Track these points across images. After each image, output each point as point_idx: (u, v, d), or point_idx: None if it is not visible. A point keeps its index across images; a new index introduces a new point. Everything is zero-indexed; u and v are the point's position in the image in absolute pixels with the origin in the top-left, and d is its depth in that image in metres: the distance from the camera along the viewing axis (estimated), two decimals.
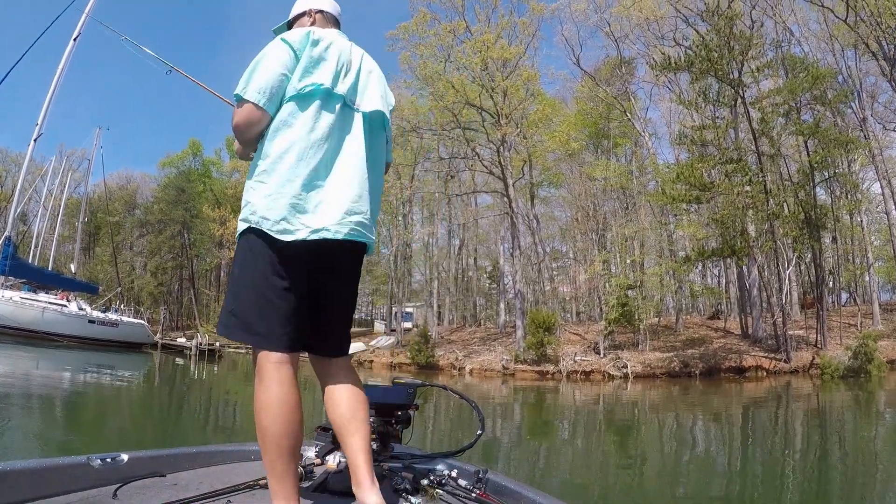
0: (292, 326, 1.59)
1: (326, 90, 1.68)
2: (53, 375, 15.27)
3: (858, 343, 19.51)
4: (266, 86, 1.63)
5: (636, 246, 29.94)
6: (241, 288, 1.62)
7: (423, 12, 28.24)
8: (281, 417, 1.52)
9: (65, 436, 7.20)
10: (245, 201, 1.65)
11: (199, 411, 11.71)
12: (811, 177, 22.44)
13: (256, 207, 1.60)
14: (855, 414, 12.81)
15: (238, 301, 1.62)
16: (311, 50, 1.69)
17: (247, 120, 1.65)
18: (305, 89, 1.65)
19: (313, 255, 1.62)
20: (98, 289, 34.34)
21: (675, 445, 9.15)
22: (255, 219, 1.60)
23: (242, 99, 1.64)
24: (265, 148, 1.65)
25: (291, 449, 1.53)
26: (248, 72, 1.66)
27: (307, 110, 1.65)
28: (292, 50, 1.68)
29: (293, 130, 1.63)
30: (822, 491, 5.97)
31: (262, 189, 1.61)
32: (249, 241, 1.62)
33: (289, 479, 1.52)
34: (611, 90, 31.44)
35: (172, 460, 1.99)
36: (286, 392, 1.54)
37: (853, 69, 26.43)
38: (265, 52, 1.69)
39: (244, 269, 1.62)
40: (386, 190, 33.58)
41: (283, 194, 1.58)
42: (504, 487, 1.92)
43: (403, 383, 2.42)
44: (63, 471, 1.66)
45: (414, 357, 27.41)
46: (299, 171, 1.60)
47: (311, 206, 1.60)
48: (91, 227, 54.77)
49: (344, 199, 1.64)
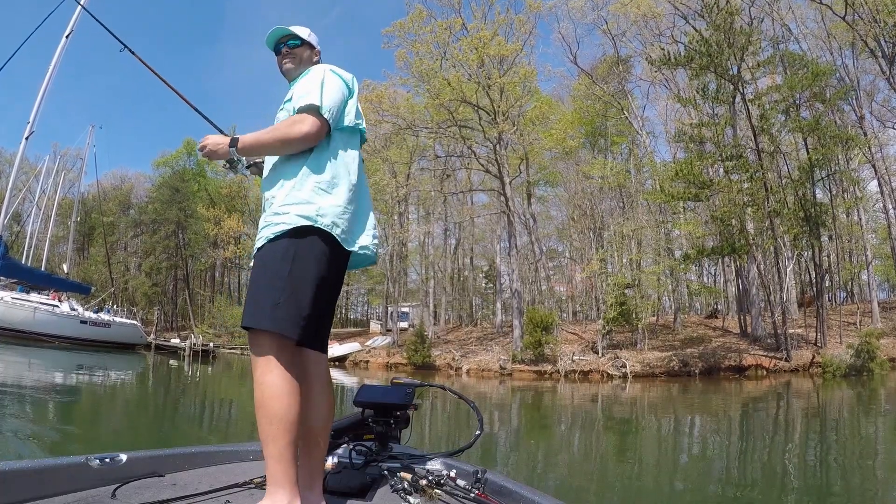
0: (320, 322, 1.76)
1: (363, 131, 1.97)
2: (45, 377, 15.01)
3: (860, 341, 19.37)
4: (334, 107, 1.80)
5: (634, 244, 29.81)
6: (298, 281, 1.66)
7: (420, 9, 28.08)
8: (296, 405, 1.58)
9: (59, 438, 7.00)
10: (303, 199, 1.73)
11: (193, 412, 11.47)
12: (811, 174, 22.31)
13: (326, 212, 1.72)
14: (860, 412, 12.66)
15: (289, 293, 1.64)
16: (355, 94, 1.94)
17: (317, 134, 1.77)
18: (360, 125, 1.93)
19: (345, 265, 1.83)
20: (91, 289, 33.99)
21: (674, 445, 9.07)
22: (325, 221, 1.71)
23: (320, 113, 1.76)
24: (329, 162, 1.80)
25: (298, 437, 1.59)
26: (317, 87, 1.79)
27: (357, 143, 1.92)
28: (346, 86, 1.89)
29: (351, 156, 1.86)
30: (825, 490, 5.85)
31: (330, 199, 1.75)
32: (312, 240, 1.70)
33: (295, 468, 1.57)
34: (608, 88, 31.37)
35: (171, 460, 2.00)
36: (298, 381, 1.62)
37: (850, 67, 26.42)
38: (327, 76, 1.85)
39: (305, 265, 1.68)
40: (382, 188, 33.70)
41: (348, 210, 1.78)
42: (503, 487, 1.93)
43: (402, 383, 2.47)
44: (62, 471, 1.67)
45: (410, 357, 27.20)
46: (357, 195, 1.83)
47: (360, 226, 1.84)
48: (85, 228, 54.54)
49: (371, 223, 1.90)
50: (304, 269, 1.67)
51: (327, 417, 1.77)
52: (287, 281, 1.64)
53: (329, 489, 1.82)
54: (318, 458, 1.74)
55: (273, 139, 1.77)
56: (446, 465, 2.20)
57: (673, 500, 5.56)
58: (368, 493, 1.85)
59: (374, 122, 29.25)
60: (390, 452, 2.26)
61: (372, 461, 2.13)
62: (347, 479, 1.91)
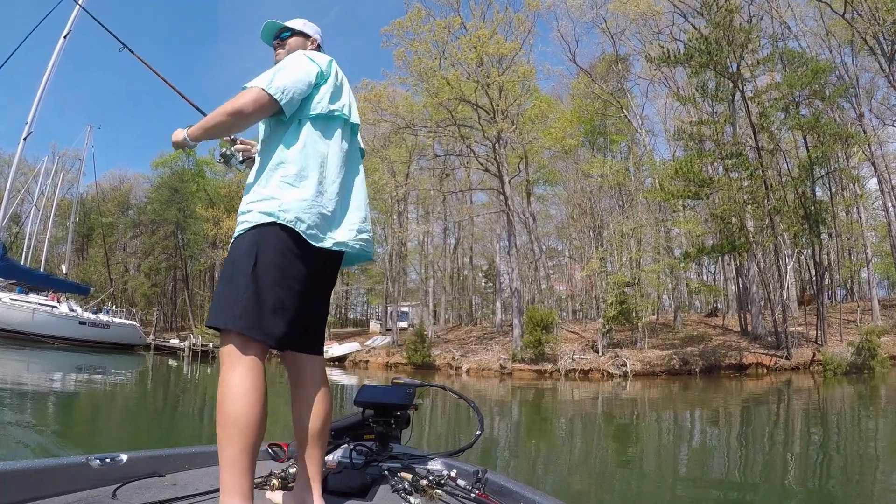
0: (295, 326, 1.65)
1: (346, 118, 1.85)
2: (44, 377, 14.96)
3: (861, 339, 19.33)
4: (289, 88, 1.71)
5: (633, 243, 29.77)
6: (261, 279, 1.61)
7: (418, 8, 28.00)
8: (255, 407, 1.50)
9: (57, 439, 6.95)
10: (266, 195, 1.68)
11: (193, 413, 11.43)
12: (811, 171, 22.29)
13: (290, 207, 1.65)
14: (863, 410, 12.62)
15: (250, 290, 1.59)
16: (336, 79, 1.85)
17: (256, 108, 1.69)
18: (335, 113, 1.81)
19: (324, 263, 1.75)
20: (90, 290, 33.92)
21: (675, 444, 9.00)
22: (288, 217, 1.64)
23: (265, 90, 1.69)
24: (298, 153, 1.73)
25: (256, 444, 1.50)
26: (271, 72, 1.74)
27: (335, 132, 1.81)
28: (320, 70, 1.81)
29: (326, 146, 1.77)
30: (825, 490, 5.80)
31: (296, 192, 1.68)
32: (275, 236, 1.64)
33: (249, 477, 1.48)
34: (607, 87, 31.33)
35: (171, 460, 2.00)
36: (260, 382, 1.54)
37: (849, 66, 26.41)
38: (292, 60, 1.80)
39: (267, 262, 1.62)
40: (381, 188, 33.62)
41: (317, 204, 1.69)
42: (503, 487, 1.93)
43: (402, 383, 2.47)
44: (62, 471, 1.67)
45: (410, 357, 27.15)
46: (329, 187, 1.74)
47: (335, 220, 1.74)
48: (84, 228, 54.47)
49: (357, 218, 1.81)
50: (267, 268, 1.61)
51: (325, 419, 1.74)
52: (249, 280, 1.60)
53: (329, 489, 1.82)
54: (317, 461, 1.71)
55: (213, 116, 1.74)
56: (447, 465, 2.20)
57: (674, 499, 5.51)
58: (369, 493, 1.85)
59: (373, 121, 29.20)
60: (391, 452, 2.25)
61: (372, 461, 2.13)
62: (348, 479, 1.91)
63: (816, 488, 5.82)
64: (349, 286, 49.64)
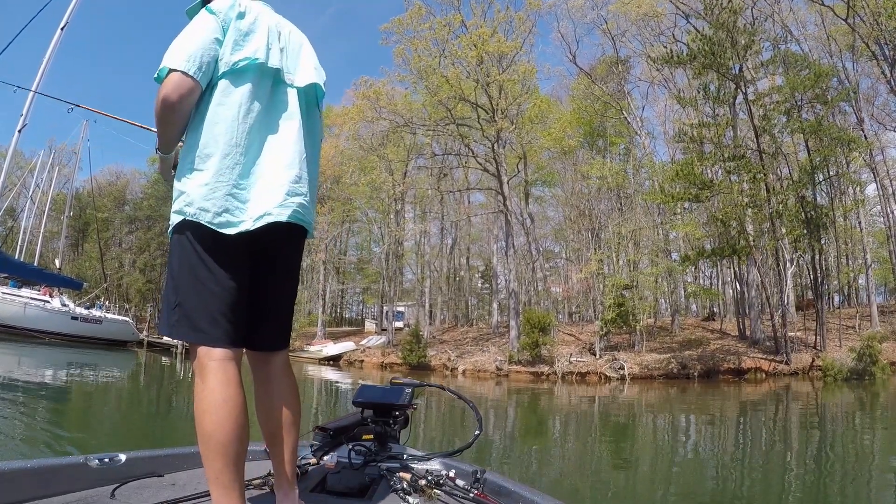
0: (236, 321, 1.51)
1: (260, 64, 1.57)
2: (34, 373, 14.74)
3: (862, 345, 19.25)
4: (196, 54, 1.47)
5: (631, 245, 29.67)
6: (181, 284, 1.50)
7: (418, 6, 27.83)
8: (228, 421, 1.40)
9: (48, 437, 6.79)
10: (178, 191, 1.51)
11: (188, 412, 11.22)
12: (812, 176, 22.21)
13: (193, 198, 1.48)
14: (865, 416, 12.50)
15: (179, 297, 1.49)
16: (239, 22, 1.57)
17: (176, 87, 1.44)
18: (239, 64, 1.53)
19: (254, 243, 1.53)
20: (83, 285, 33.59)
21: (672, 447, 8.97)
22: (191, 211, 1.47)
23: (170, 70, 1.45)
24: (197, 132, 1.51)
25: (238, 456, 1.41)
26: (172, 46, 1.50)
27: (241, 87, 1.53)
28: (219, 19, 1.54)
29: (227, 110, 1.51)
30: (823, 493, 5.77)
31: (198, 178, 1.48)
32: (186, 236, 1.49)
33: (236, 491, 1.40)
34: (606, 88, 31.26)
35: (170, 460, 1.98)
36: (232, 393, 1.43)
37: (850, 71, 26.40)
38: (189, 25, 1.55)
39: (183, 264, 1.50)
40: (378, 186, 33.38)
41: (222, 183, 1.47)
42: (502, 487, 1.93)
43: (401, 383, 2.47)
44: (61, 471, 1.66)
45: (406, 357, 26.98)
46: (237, 157, 1.50)
47: (251, 192, 1.51)
48: (80, 223, 54.18)
49: (283, 180, 1.54)
50: (183, 270, 1.50)
51: (295, 411, 1.65)
52: (173, 286, 1.51)
53: (328, 489, 1.83)
54: (287, 459, 1.62)
55: (156, 121, 1.52)
56: (445, 465, 2.20)
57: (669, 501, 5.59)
58: (367, 493, 1.84)
59: (371, 119, 29.02)
60: (389, 452, 2.25)
61: (371, 461, 2.12)
62: (346, 479, 1.89)
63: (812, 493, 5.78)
64: (345, 286, 49.45)
